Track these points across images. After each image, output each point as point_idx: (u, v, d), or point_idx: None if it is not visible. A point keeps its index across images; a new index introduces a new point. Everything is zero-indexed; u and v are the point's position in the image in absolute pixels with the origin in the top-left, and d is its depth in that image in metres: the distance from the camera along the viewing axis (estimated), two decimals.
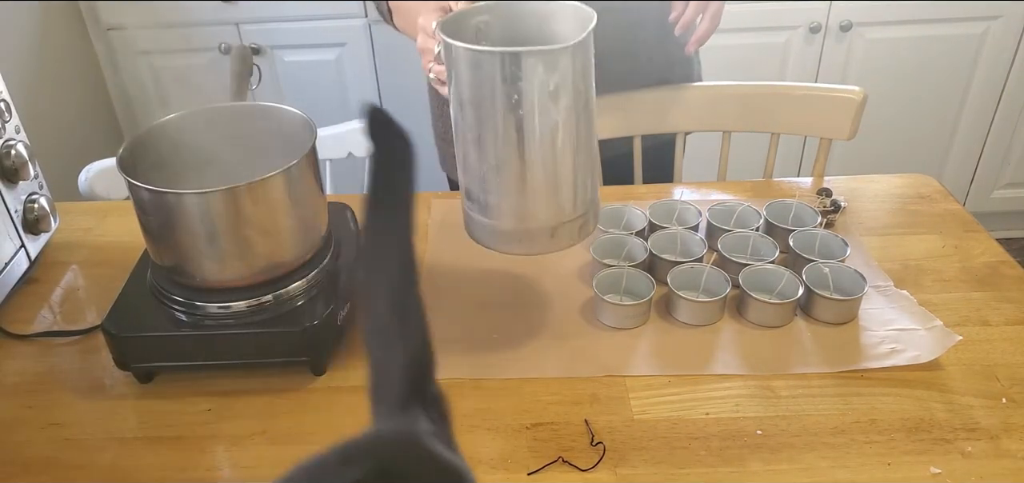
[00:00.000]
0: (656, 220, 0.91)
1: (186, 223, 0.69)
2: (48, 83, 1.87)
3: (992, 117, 2.08)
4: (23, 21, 1.80)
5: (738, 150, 1.25)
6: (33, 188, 0.91)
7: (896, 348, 0.75)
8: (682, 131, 1.20)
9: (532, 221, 0.69)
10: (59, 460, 0.67)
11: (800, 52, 1.97)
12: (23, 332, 0.82)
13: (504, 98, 0.63)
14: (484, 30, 0.72)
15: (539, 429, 0.68)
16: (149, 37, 1.99)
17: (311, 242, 0.77)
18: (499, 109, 0.63)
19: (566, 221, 0.69)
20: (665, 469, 0.64)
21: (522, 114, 0.63)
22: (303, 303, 0.74)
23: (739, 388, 0.71)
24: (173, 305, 0.73)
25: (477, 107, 0.65)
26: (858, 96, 1.10)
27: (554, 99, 0.62)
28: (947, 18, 1.93)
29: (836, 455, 0.64)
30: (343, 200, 0.93)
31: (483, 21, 0.72)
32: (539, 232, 0.69)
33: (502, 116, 0.64)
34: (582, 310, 0.82)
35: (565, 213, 0.68)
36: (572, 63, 0.62)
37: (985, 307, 0.81)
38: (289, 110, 0.79)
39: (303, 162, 0.72)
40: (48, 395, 0.74)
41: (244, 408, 0.72)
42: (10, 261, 0.86)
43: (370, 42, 1.97)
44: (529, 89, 0.62)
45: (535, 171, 0.66)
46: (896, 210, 0.99)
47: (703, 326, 0.79)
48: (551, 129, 0.64)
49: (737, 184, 1.06)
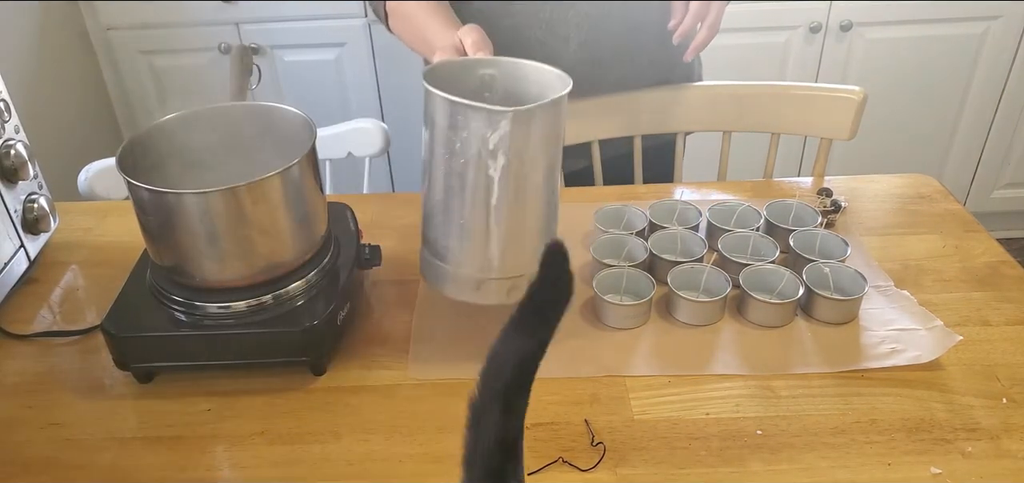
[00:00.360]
0: (656, 220, 0.91)
1: (186, 223, 0.69)
2: (48, 83, 1.87)
3: (992, 117, 2.08)
4: (23, 21, 1.80)
5: (738, 150, 1.25)
6: (33, 188, 0.91)
7: (896, 348, 0.75)
8: (682, 131, 1.20)
9: (461, 267, 0.71)
10: (59, 460, 0.67)
11: (800, 52, 1.97)
12: (23, 332, 0.82)
13: (447, 143, 0.66)
14: (488, 82, 0.75)
15: (539, 429, 0.68)
16: (149, 37, 1.99)
17: (311, 242, 0.76)
18: (444, 152, 0.67)
19: (493, 278, 0.70)
20: (665, 469, 0.64)
21: (463, 162, 0.66)
22: (303, 303, 0.74)
23: (739, 388, 0.71)
24: (173, 305, 0.73)
25: (431, 144, 0.68)
26: (858, 96, 1.10)
27: (493, 157, 0.64)
28: (947, 18, 1.93)
29: (836, 455, 0.64)
30: (343, 200, 0.93)
31: (489, 74, 0.75)
32: (465, 280, 0.71)
33: (445, 159, 0.67)
34: (582, 310, 0.82)
35: (492, 269, 0.70)
36: (512, 127, 0.63)
37: (985, 307, 0.81)
38: (289, 110, 0.79)
39: (303, 162, 0.72)
40: (48, 395, 0.74)
41: (244, 408, 0.72)
42: (10, 261, 0.86)
43: (370, 42, 1.97)
44: (468, 140, 0.64)
45: (466, 219, 0.68)
46: (896, 210, 0.99)
47: (703, 326, 0.79)
48: (485, 184, 0.66)
49: (737, 184, 1.06)
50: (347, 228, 0.85)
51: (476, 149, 0.65)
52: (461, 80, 0.75)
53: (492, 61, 0.75)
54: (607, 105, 1.15)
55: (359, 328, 0.81)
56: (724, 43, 1.80)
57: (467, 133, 0.64)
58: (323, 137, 1.30)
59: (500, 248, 0.69)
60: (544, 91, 0.73)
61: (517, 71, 0.75)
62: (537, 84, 0.74)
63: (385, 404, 0.71)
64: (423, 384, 0.73)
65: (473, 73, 0.75)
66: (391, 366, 0.76)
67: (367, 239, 0.86)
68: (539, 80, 0.74)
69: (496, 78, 0.75)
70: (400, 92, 2.05)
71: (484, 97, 0.75)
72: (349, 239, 0.83)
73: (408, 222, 1.00)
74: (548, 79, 0.73)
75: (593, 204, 0.96)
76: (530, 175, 0.67)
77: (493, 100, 0.75)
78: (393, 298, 0.85)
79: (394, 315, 0.83)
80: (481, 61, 0.76)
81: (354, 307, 0.80)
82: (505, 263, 0.70)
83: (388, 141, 1.35)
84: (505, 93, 0.75)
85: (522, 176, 0.66)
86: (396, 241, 0.95)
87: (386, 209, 1.03)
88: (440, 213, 0.70)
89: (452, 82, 0.73)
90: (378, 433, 0.68)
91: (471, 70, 0.75)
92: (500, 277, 0.70)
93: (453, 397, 0.72)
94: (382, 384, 0.74)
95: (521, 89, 0.75)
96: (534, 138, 0.66)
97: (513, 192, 0.67)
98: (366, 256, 0.82)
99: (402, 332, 0.80)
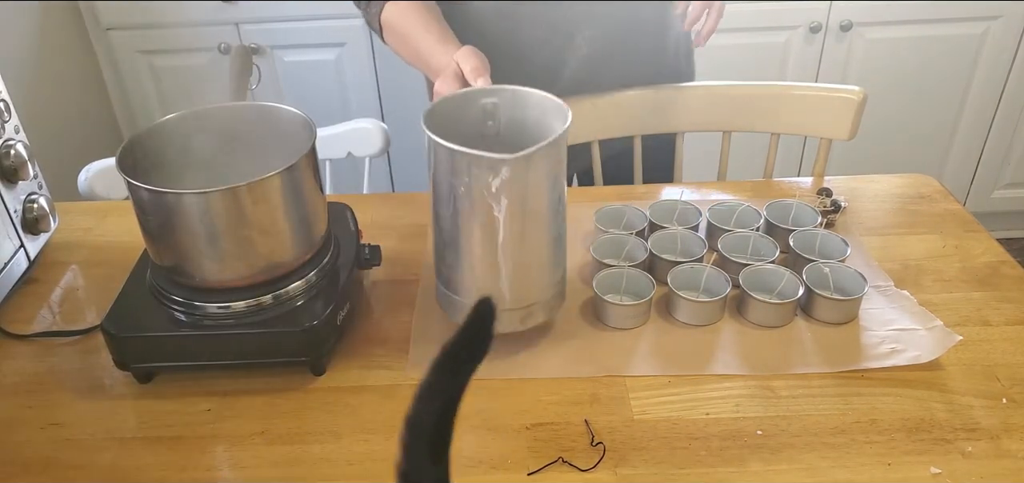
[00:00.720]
0: (656, 220, 0.91)
1: (186, 223, 0.69)
2: (48, 83, 1.87)
3: (992, 117, 2.08)
4: (23, 21, 1.80)
5: (738, 150, 1.25)
6: (32, 188, 0.91)
7: (896, 348, 0.75)
8: (682, 131, 1.20)
9: (470, 297, 0.72)
10: (59, 460, 0.67)
11: (800, 52, 1.97)
12: (23, 332, 0.82)
13: (451, 186, 0.67)
14: (491, 111, 0.76)
15: (539, 429, 0.68)
16: (149, 37, 1.99)
17: (311, 242, 0.76)
18: (448, 194, 0.68)
19: (506, 309, 0.72)
20: (665, 469, 0.64)
21: (468, 205, 0.67)
22: (303, 303, 0.74)
23: (739, 388, 0.71)
24: (173, 305, 0.73)
25: (436, 185, 0.70)
26: (858, 96, 1.10)
27: (496, 200, 0.66)
28: (947, 18, 1.93)
29: (836, 455, 0.64)
30: (343, 200, 0.93)
31: (491, 103, 0.76)
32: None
33: (450, 200, 0.68)
34: (582, 310, 0.82)
35: (504, 301, 0.72)
36: (513, 172, 0.64)
37: (985, 307, 0.81)
38: (289, 110, 0.79)
39: (303, 162, 0.72)
40: (48, 395, 0.74)
41: (244, 408, 0.72)
42: (9, 261, 0.86)
43: (370, 42, 1.97)
44: (471, 185, 0.66)
45: (475, 257, 0.70)
46: (896, 210, 0.99)
47: (703, 326, 0.79)
48: (491, 224, 0.67)
49: (737, 184, 1.06)
50: (347, 228, 0.85)
51: (480, 193, 0.66)
52: (463, 111, 0.76)
53: (493, 90, 0.76)
54: (607, 103, 1.15)
55: (359, 328, 0.81)
56: (724, 43, 1.80)
57: (469, 178, 0.66)
58: (323, 137, 1.30)
59: (510, 281, 0.71)
60: (545, 118, 0.74)
61: (518, 99, 0.76)
62: (538, 111, 0.75)
63: (385, 404, 0.71)
64: None
65: (474, 103, 0.76)
66: (391, 366, 0.76)
67: (367, 239, 0.86)
68: (540, 106, 0.75)
69: (499, 106, 0.76)
70: (400, 92, 2.05)
71: (487, 126, 0.77)
72: (349, 239, 0.83)
73: (408, 222, 1.00)
74: (549, 106, 0.74)
75: (593, 204, 0.96)
76: (535, 212, 0.68)
77: (496, 129, 0.77)
78: (393, 298, 0.85)
79: (394, 315, 0.83)
80: (482, 91, 0.76)
81: (354, 307, 0.80)
82: (516, 294, 0.72)
83: (388, 141, 1.35)
84: (508, 121, 0.77)
85: (527, 214, 0.68)
86: (396, 241, 0.95)
87: (386, 209, 1.03)
88: (450, 250, 0.72)
89: (453, 114, 0.74)
90: (378, 433, 0.68)
91: (472, 101, 0.76)
92: (512, 307, 0.72)
93: None
94: (382, 384, 0.74)
95: (523, 117, 0.76)
96: (536, 178, 0.67)
97: (519, 230, 0.68)
98: (366, 256, 0.82)
99: (402, 332, 0.80)
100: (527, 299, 0.73)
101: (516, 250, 0.69)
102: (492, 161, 0.63)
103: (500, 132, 0.77)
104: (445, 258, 0.73)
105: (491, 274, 0.70)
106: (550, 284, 0.74)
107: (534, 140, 0.71)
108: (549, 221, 0.70)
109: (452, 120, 0.74)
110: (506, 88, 0.76)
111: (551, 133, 0.71)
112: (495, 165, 0.64)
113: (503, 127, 0.77)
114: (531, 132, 0.75)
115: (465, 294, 0.73)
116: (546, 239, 0.71)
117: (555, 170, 0.69)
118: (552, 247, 0.72)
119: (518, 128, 0.76)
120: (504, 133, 0.77)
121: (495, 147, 0.75)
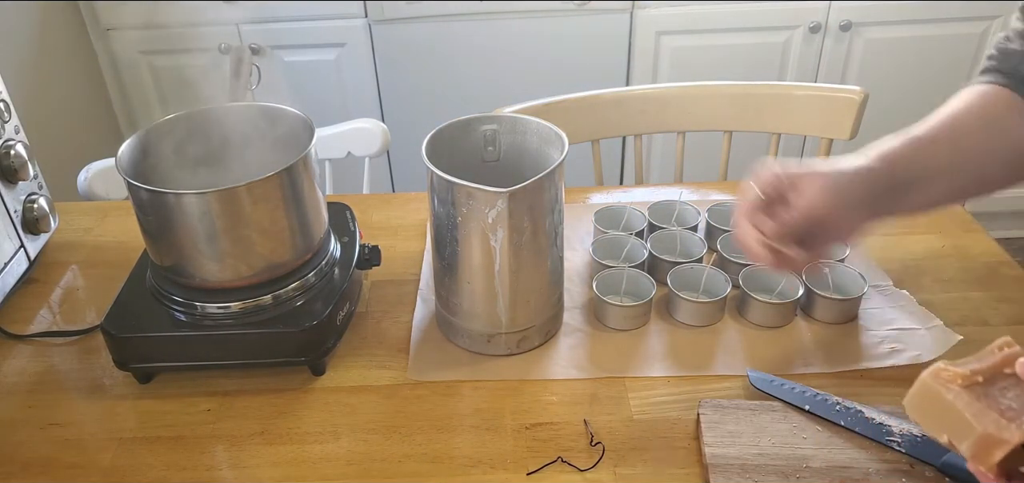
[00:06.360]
0: (656, 220, 0.91)
1: (185, 223, 0.69)
2: (48, 83, 1.87)
3: None
4: (23, 21, 1.80)
5: (738, 150, 1.25)
6: (33, 188, 0.91)
7: (896, 348, 0.75)
8: (683, 130, 1.20)
9: (471, 322, 0.75)
10: (59, 460, 0.67)
11: (800, 52, 1.97)
12: (23, 332, 0.82)
13: (449, 215, 0.69)
14: (491, 138, 0.78)
15: (539, 429, 0.68)
16: (149, 37, 1.99)
17: (311, 242, 0.76)
18: (447, 222, 0.70)
19: (503, 333, 0.74)
20: (665, 469, 0.64)
21: (466, 233, 0.69)
22: (302, 303, 0.74)
23: (739, 388, 0.71)
24: (172, 305, 0.73)
25: (434, 212, 0.72)
26: (858, 96, 1.10)
27: (493, 231, 0.67)
28: (947, 18, 1.93)
29: None
30: (343, 200, 0.93)
31: (491, 130, 0.78)
32: (477, 335, 0.75)
33: (449, 228, 0.70)
34: (582, 310, 0.82)
35: (501, 325, 0.74)
36: (509, 204, 0.66)
37: (985, 307, 0.81)
38: (288, 110, 0.79)
39: (302, 162, 0.72)
40: (48, 395, 0.74)
41: (244, 408, 0.72)
42: (9, 261, 0.86)
43: (370, 42, 1.97)
44: (469, 216, 0.68)
45: (473, 283, 0.72)
46: None
47: (703, 326, 0.79)
48: (488, 253, 0.69)
49: (737, 184, 1.06)
50: (347, 228, 0.85)
51: (477, 223, 0.67)
52: (463, 137, 0.77)
53: (493, 117, 0.78)
54: (607, 104, 1.15)
55: (359, 328, 0.81)
56: (724, 43, 1.80)
57: (467, 209, 0.67)
58: (323, 137, 1.30)
59: (507, 307, 0.72)
60: (544, 145, 0.76)
61: (517, 126, 0.78)
62: (537, 138, 0.77)
63: (385, 404, 0.71)
64: (422, 384, 0.73)
65: (475, 130, 0.78)
66: (391, 366, 0.76)
67: (367, 239, 0.86)
68: (539, 134, 0.76)
69: (498, 133, 0.78)
70: (400, 92, 2.05)
71: (487, 152, 0.78)
72: (349, 239, 0.83)
73: (408, 222, 1.00)
74: (547, 134, 0.75)
75: (593, 204, 0.96)
76: (531, 241, 0.70)
77: (496, 154, 0.79)
78: (393, 298, 0.85)
79: (394, 315, 0.83)
80: (482, 117, 0.78)
81: (353, 307, 0.80)
82: (513, 319, 0.73)
83: (388, 141, 1.35)
84: (508, 147, 0.78)
85: (523, 244, 0.69)
86: (396, 241, 0.95)
87: (386, 209, 1.03)
88: (449, 274, 0.74)
89: (454, 141, 0.76)
90: (378, 433, 0.68)
91: (473, 128, 0.78)
92: (509, 332, 0.74)
93: (452, 397, 0.72)
94: (382, 384, 0.74)
95: (523, 143, 0.78)
96: (532, 208, 0.68)
97: (516, 259, 0.69)
98: (366, 256, 0.82)
99: (402, 332, 0.80)
100: (525, 323, 0.74)
101: (513, 278, 0.70)
102: (488, 194, 0.65)
103: (500, 158, 0.79)
104: (443, 281, 0.75)
105: (488, 300, 0.72)
106: (547, 308, 0.76)
107: (534, 165, 0.73)
108: (545, 249, 0.72)
109: (451, 146, 0.75)
110: (505, 115, 0.78)
111: (549, 160, 0.72)
112: (491, 198, 0.65)
113: (503, 153, 0.79)
114: (531, 157, 0.77)
115: (463, 318, 0.75)
116: (543, 267, 0.73)
117: (551, 200, 0.70)
118: (549, 274, 0.74)
119: (518, 153, 0.78)
120: (504, 159, 0.79)
121: (496, 172, 0.77)
